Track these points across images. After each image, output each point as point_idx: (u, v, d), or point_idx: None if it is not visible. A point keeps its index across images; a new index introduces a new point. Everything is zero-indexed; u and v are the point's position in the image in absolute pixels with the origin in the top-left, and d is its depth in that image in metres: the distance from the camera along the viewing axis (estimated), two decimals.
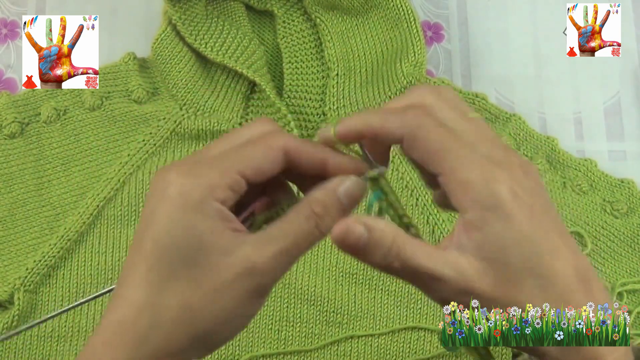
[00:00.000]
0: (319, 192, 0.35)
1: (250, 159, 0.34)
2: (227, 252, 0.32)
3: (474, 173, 0.32)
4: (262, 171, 0.34)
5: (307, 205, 0.34)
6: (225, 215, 0.33)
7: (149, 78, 0.65)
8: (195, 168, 0.33)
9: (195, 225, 0.32)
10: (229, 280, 0.32)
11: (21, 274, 0.58)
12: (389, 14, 0.65)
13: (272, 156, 0.34)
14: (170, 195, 0.32)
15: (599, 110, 0.70)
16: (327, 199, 0.34)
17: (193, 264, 0.32)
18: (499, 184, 0.32)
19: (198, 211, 0.32)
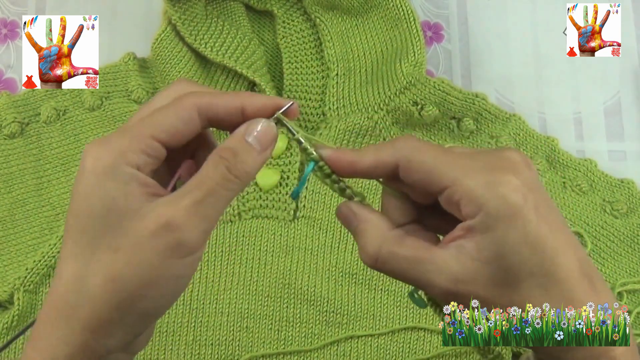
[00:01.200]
0: (228, 138, 0.34)
1: (162, 122, 0.33)
2: (142, 213, 0.32)
3: (478, 180, 0.33)
4: (177, 133, 0.33)
5: (215, 153, 0.34)
6: (142, 180, 0.33)
7: (149, 78, 0.65)
8: (109, 137, 0.33)
9: (108, 192, 0.32)
10: (145, 239, 0.31)
11: (21, 274, 0.58)
12: (389, 14, 0.65)
13: (185, 116, 0.34)
14: (85, 167, 0.32)
15: (599, 110, 0.70)
16: (235, 143, 0.34)
17: (110, 231, 0.32)
18: (504, 187, 0.32)
19: (110, 177, 0.32)
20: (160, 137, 0.33)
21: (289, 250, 0.61)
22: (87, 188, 0.32)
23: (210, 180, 0.33)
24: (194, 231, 0.32)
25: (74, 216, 0.33)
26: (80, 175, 0.33)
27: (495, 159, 0.34)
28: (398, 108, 0.63)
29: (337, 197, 0.62)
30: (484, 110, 0.65)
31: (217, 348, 0.58)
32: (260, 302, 0.59)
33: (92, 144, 0.33)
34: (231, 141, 0.34)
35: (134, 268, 0.32)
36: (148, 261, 0.32)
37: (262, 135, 0.34)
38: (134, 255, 0.32)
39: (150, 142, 0.33)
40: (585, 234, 0.63)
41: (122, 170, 0.32)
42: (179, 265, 0.32)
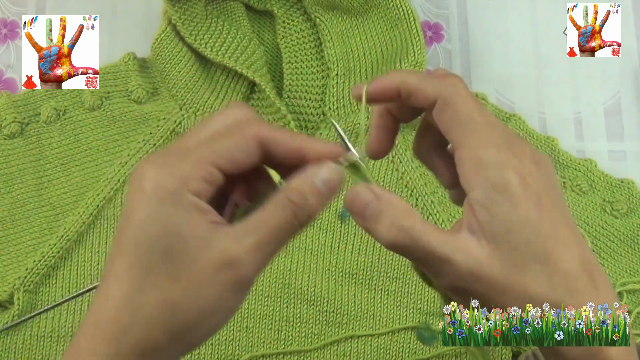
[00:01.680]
0: (296, 180, 0.34)
1: (223, 150, 0.33)
2: (204, 244, 0.32)
3: (490, 153, 0.33)
4: (236, 161, 0.33)
5: (284, 195, 0.33)
6: (201, 207, 0.32)
7: (149, 78, 0.65)
8: (169, 160, 0.33)
9: (171, 218, 0.32)
10: (207, 274, 0.32)
11: (21, 274, 0.58)
12: (389, 14, 0.65)
13: (245, 146, 0.33)
14: (145, 188, 0.32)
15: (599, 110, 0.70)
16: (304, 186, 0.34)
17: (170, 258, 0.32)
18: (510, 170, 0.33)
19: (172, 203, 0.32)
20: (220, 164, 0.33)
21: (289, 250, 0.61)
22: (149, 211, 0.32)
23: (276, 222, 0.33)
24: (253, 270, 0.32)
25: (131, 238, 0.32)
26: (139, 196, 0.32)
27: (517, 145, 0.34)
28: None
29: (337, 197, 0.62)
30: None
31: (217, 348, 0.58)
32: (260, 302, 0.59)
33: (151, 164, 0.32)
34: (301, 183, 0.34)
35: (193, 299, 0.32)
36: (208, 294, 0.32)
37: (331, 179, 0.34)
38: (195, 286, 0.32)
39: (211, 169, 0.33)
40: (585, 234, 0.63)
41: (186, 197, 0.32)
42: (234, 299, 0.33)
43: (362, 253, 0.61)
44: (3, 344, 0.57)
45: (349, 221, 0.62)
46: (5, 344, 0.57)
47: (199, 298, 0.32)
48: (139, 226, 0.32)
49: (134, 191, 0.32)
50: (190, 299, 0.32)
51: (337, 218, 0.43)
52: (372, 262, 0.61)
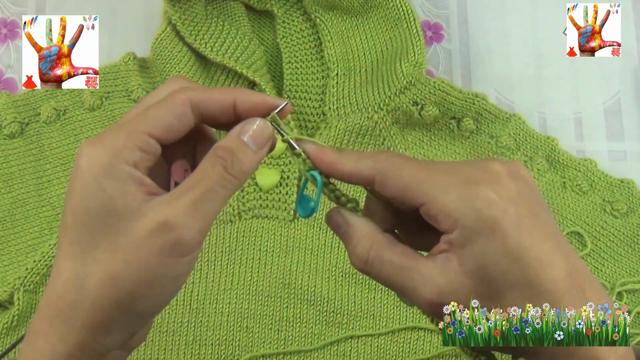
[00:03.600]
0: (224, 138, 0.34)
1: (155, 118, 0.33)
2: (139, 213, 0.32)
3: (452, 196, 0.33)
4: (171, 127, 0.33)
5: (212, 152, 0.34)
6: (138, 178, 0.33)
7: (149, 78, 0.65)
8: (103, 135, 0.33)
9: (106, 190, 0.32)
10: (142, 240, 0.32)
11: (21, 274, 0.58)
12: (389, 14, 0.65)
13: (178, 112, 0.34)
14: (81, 166, 0.32)
15: (599, 110, 0.70)
16: (232, 142, 0.34)
17: (108, 230, 0.32)
18: (480, 202, 0.32)
19: (107, 176, 0.32)
20: (155, 133, 0.33)
21: (289, 250, 0.61)
22: (84, 188, 0.32)
23: (207, 179, 0.33)
24: (192, 230, 0.32)
25: (71, 215, 0.33)
26: (75, 174, 0.33)
27: (475, 172, 0.34)
28: (398, 108, 0.63)
29: None
30: (484, 110, 0.65)
31: (217, 348, 0.58)
32: (260, 302, 0.59)
33: (87, 143, 0.33)
34: (227, 140, 0.34)
35: (133, 268, 0.32)
36: (147, 261, 0.32)
37: (257, 134, 0.35)
38: (132, 255, 0.32)
39: (146, 138, 0.33)
40: (586, 234, 0.63)
41: (119, 168, 0.32)
42: (177, 265, 0.33)
43: None
44: (3, 344, 0.57)
45: None
46: (5, 344, 0.57)
47: (139, 266, 0.32)
48: (77, 203, 0.32)
49: (73, 171, 0.33)
50: (131, 268, 0.32)
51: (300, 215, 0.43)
52: None
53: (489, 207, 0.32)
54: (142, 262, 0.32)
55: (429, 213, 0.33)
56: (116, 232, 0.32)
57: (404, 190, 0.34)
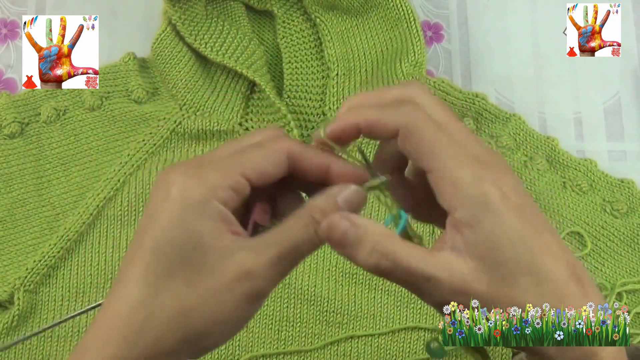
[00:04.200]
0: (319, 198, 0.34)
1: (252, 161, 0.34)
2: (225, 255, 0.32)
3: (464, 171, 0.33)
4: (265, 173, 0.34)
5: (306, 211, 0.34)
6: (226, 216, 0.33)
7: (149, 78, 0.65)
8: (199, 169, 0.33)
9: (195, 226, 0.32)
10: (225, 284, 0.32)
11: (21, 274, 0.58)
12: (389, 14, 0.65)
13: (275, 159, 0.34)
14: (172, 195, 0.32)
15: (599, 110, 0.70)
16: (327, 205, 0.34)
17: (190, 265, 0.32)
18: (488, 184, 0.32)
19: (199, 212, 0.32)
20: (249, 175, 0.33)
21: None
22: (173, 217, 0.32)
23: (296, 238, 0.33)
24: (270, 282, 0.33)
25: (153, 241, 0.32)
26: (164, 201, 0.32)
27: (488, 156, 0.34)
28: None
29: None
30: (484, 110, 0.65)
31: (217, 348, 0.58)
32: None
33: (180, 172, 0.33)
34: (323, 201, 0.34)
35: (209, 306, 0.32)
36: (224, 303, 0.32)
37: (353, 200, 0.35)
38: (211, 295, 0.32)
39: (240, 179, 0.33)
40: (586, 234, 0.63)
41: (213, 206, 0.32)
42: (249, 309, 0.34)
43: None
44: (3, 343, 0.57)
45: None
46: None
47: (215, 306, 0.32)
48: (162, 230, 0.32)
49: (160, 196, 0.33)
50: (206, 306, 0.32)
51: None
52: None
53: (497, 192, 0.32)
54: (219, 304, 0.32)
55: (438, 181, 0.33)
56: (197, 268, 0.32)
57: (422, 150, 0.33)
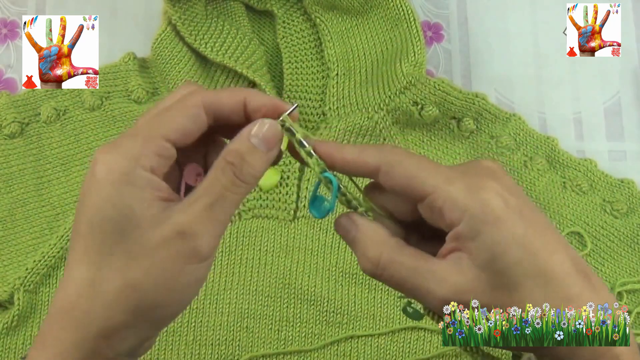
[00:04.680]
0: (234, 140, 0.34)
1: (170, 122, 0.33)
2: (158, 222, 0.32)
3: (459, 186, 0.33)
4: (186, 132, 0.34)
5: (222, 157, 0.34)
6: (156, 184, 0.33)
7: (149, 78, 0.65)
8: (119, 142, 0.33)
9: (124, 199, 0.32)
10: (162, 249, 0.32)
11: (21, 274, 0.58)
12: (389, 14, 0.65)
13: (192, 114, 0.34)
14: (97, 173, 0.32)
15: (599, 110, 0.70)
16: (241, 146, 0.34)
17: (127, 238, 0.32)
18: (485, 192, 0.33)
19: (126, 183, 0.32)
20: (171, 137, 0.33)
21: (289, 250, 0.61)
22: (101, 195, 0.32)
23: (219, 185, 0.33)
24: (206, 237, 0.33)
25: (86, 223, 0.32)
26: (90, 181, 0.32)
27: (473, 168, 0.34)
28: (398, 108, 0.63)
29: None
30: (484, 110, 0.65)
31: (217, 348, 0.58)
32: (260, 302, 0.59)
33: (103, 150, 0.33)
34: (236, 143, 0.34)
35: (151, 275, 0.32)
36: (165, 268, 0.32)
37: (267, 136, 0.34)
38: (151, 263, 0.32)
39: (162, 143, 0.33)
40: (585, 234, 0.63)
41: (138, 175, 0.32)
42: (194, 271, 0.33)
43: None
44: (3, 344, 0.57)
45: None
46: (5, 344, 0.57)
47: (157, 274, 0.32)
48: (93, 209, 0.32)
49: (88, 177, 0.33)
50: (149, 276, 0.32)
51: None
52: None
53: (494, 198, 0.32)
54: (160, 270, 0.32)
55: (435, 204, 0.33)
56: (134, 239, 0.32)
57: (410, 179, 0.34)
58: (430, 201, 0.33)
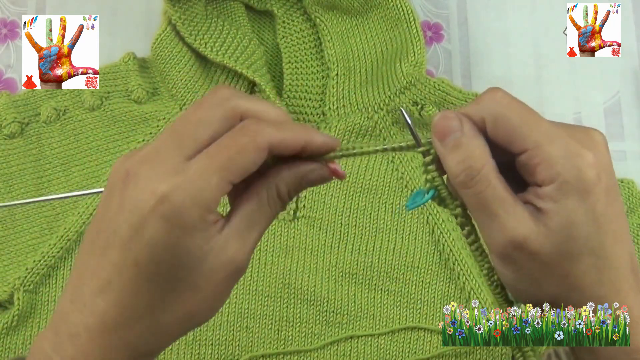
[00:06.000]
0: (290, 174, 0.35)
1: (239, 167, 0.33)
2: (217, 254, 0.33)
3: (559, 148, 0.33)
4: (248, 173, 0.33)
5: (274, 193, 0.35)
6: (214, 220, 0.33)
7: (149, 78, 0.65)
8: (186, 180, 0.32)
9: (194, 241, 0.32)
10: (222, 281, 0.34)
11: (21, 274, 0.58)
12: (389, 14, 0.65)
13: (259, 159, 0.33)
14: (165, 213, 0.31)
15: (599, 110, 0.70)
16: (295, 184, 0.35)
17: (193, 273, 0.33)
18: (583, 161, 0.33)
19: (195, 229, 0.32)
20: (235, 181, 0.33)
21: (289, 250, 0.61)
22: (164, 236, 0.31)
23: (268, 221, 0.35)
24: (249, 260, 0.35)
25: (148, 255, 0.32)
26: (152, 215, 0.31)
27: (579, 133, 0.34)
28: (398, 108, 0.63)
29: (337, 197, 0.62)
30: None
31: (217, 348, 0.58)
32: (260, 302, 0.59)
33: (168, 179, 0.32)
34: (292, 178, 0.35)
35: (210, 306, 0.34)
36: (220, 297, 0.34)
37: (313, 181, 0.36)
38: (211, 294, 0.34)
39: (226, 187, 0.33)
40: None
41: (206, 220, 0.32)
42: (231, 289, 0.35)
43: (362, 253, 0.61)
44: (3, 344, 0.57)
45: (353, 221, 0.62)
46: (5, 344, 0.57)
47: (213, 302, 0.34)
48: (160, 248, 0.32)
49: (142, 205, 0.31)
50: (208, 305, 0.34)
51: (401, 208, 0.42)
52: (372, 262, 0.61)
53: (590, 169, 0.32)
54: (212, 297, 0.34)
55: (530, 161, 0.33)
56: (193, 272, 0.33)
57: (513, 132, 0.34)
58: (527, 157, 0.33)
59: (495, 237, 0.34)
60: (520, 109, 0.34)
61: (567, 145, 0.33)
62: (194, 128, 0.33)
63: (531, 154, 0.33)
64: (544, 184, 0.33)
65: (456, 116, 0.35)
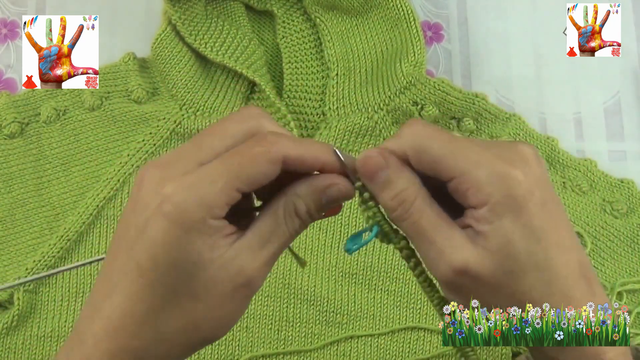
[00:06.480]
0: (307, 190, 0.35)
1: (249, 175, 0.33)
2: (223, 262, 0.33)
3: (485, 171, 0.33)
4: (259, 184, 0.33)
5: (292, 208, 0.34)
6: (220, 228, 0.33)
7: (149, 78, 0.65)
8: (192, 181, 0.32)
9: (193, 245, 0.32)
10: (228, 293, 0.33)
11: (21, 274, 0.58)
12: (389, 14, 0.65)
13: (271, 170, 0.33)
14: (167, 212, 0.32)
15: (599, 110, 0.70)
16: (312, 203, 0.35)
17: (192, 280, 0.33)
18: (511, 180, 0.32)
19: (197, 231, 0.32)
20: (244, 190, 0.33)
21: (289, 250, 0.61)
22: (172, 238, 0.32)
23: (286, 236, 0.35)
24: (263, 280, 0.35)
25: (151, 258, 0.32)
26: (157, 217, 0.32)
27: (506, 152, 0.34)
28: (398, 108, 0.63)
29: None
30: (484, 110, 0.65)
31: (217, 348, 0.58)
32: (260, 302, 0.59)
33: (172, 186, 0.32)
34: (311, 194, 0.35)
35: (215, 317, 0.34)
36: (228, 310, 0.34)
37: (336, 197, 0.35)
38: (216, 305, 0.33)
39: (236, 194, 0.33)
40: (585, 234, 0.63)
41: (209, 224, 0.32)
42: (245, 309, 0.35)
43: (362, 253, 0.61)
44: (3, 344, 0.57)
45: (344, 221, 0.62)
46: (5, 344, 0.57)
47: (220, 315, 0.34)
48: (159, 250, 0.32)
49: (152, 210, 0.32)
50: (212, 316, 0.33)
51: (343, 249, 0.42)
52: (372, 262, 0.61)
53: (519, 186, 0.32)
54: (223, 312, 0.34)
55: (459, 187, 0.33)
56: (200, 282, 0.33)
57: (436, 164, 0.34)
58: (456, 183, 0.33)
59: (437, 265, 0.34)
60: (441, 139, 0.34)
61: (493, 167, 0.33)
62: (214, 138, 0.34)
63: (458, 180, 0.33)
64: (477, 207, 0.33)
65: (379, 154, 0.35)
